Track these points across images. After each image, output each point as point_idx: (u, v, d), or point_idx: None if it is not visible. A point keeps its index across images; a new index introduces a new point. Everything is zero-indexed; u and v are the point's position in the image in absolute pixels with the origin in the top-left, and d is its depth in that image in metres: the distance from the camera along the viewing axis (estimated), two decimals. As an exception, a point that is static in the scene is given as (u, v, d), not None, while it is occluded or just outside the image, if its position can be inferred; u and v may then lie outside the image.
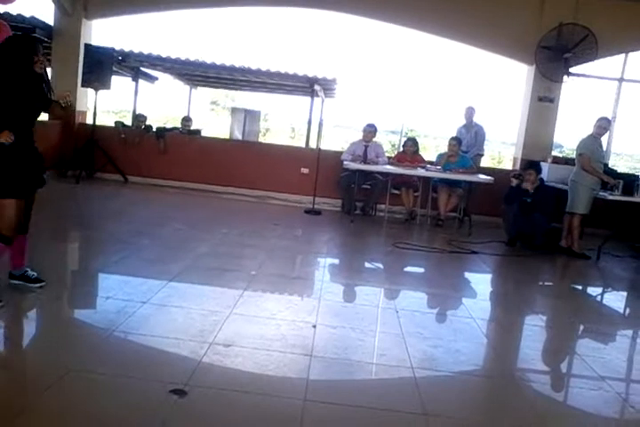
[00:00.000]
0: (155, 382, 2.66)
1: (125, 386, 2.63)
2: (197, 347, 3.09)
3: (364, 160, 8.19)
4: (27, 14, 8.78)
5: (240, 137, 12.79)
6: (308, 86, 10.90)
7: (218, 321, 3.50)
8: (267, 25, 43.05)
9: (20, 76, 3.40)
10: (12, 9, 8.30)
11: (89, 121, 9.47)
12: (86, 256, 5.26)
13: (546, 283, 6.14)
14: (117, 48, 9.52)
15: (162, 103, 21.68)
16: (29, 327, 3.45)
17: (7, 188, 3.39)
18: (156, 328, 3.34)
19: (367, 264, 5.91)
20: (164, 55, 10.07)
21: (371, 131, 8.49)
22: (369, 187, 8.35)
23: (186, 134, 10.04)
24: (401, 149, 9.33)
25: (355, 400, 2.73)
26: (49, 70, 9.58)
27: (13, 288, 3.71)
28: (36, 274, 3.79)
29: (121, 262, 4.70)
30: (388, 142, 17.70)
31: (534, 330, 4.22)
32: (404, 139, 11.29)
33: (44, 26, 9.19)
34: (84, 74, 8.83)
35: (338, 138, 22.01)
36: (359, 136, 8.73)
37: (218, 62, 10.29)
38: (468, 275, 5.91)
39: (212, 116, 25.41)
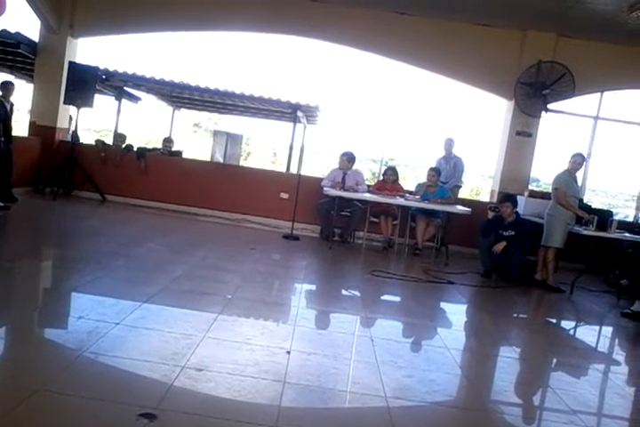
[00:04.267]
0: (124, 405, 2.60)
1: (94, 408, 2.57)
2: (169, 370, 3.04)
3: (343, 187, 8.23)
4: (12, 30, 8.78)
5: (221, 160, 12.77)
6: (290, 112, 11.01)
7: (191, 344, 3.45)
8: (252, 50, 43.43)
9: None
10: (-2, 24, 8.31)
11: (68, 138, 9.41)
12: (60, 275, 5.15)
13: (520, 315, 6.17)
14: (102, 67, 9.54)
15: (144, 124, 21.66)
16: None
17: None
18: (127, 350, 3.27)
19: (344, 291, 5.90)
20: (148, 76, 10.10)
21: (345, 159, 8.54)
22: (348, 214, 8.38)
23: (167, 155, 10.01)
24: (381, 177, 9.42)
25: (323, 428, 2.70)
26: (31, 85, 9.60)
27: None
28: None
29: (95, 282, 4.63)
30: (369, 170, 17.86)
31: (508, 362, 4.23)
32: (384, 167, 11.41)
33: (29, 42, 9.19)
34: (66, 91, 8.81)
35: (319, 164, 22.14)
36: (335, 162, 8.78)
37: (202, 85, 10.35)
38: (443, 305, 5.93)
39: (194, 138, 25.42)
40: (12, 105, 7.76)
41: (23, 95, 10.24)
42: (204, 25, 9.59)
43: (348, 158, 8.58)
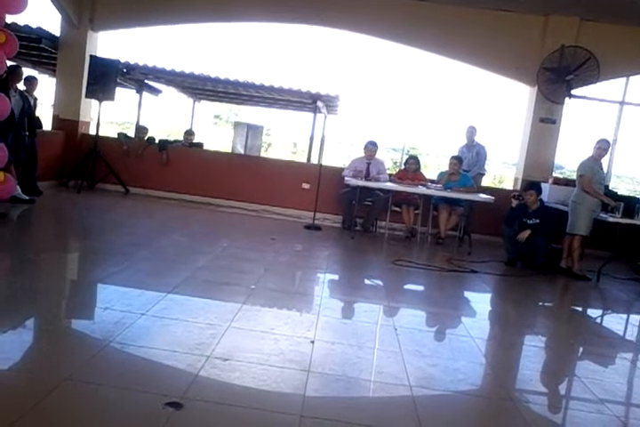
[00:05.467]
0: (151, 394, 2.63)
1: (121, 397, 2.60)
2: (195, 360, 3.06)
3: (366, 177, 8.21)
4: (33, 25, 8.85)
5: (242, 151, 12.78)
6: (310, 102, 10.97)
7: (216, 334, 3.48)
8: (271, 40, 43.38)
9: None
10: (19, 20, 8.38)
11: (92, 132, 9.49)
12: (85, 266, 5.23)
13: (545, 304, 6.11)
14: (122, 60, 9.58)
15: (165, 116, 21.78)
16: (26, 336, 3.42)
17: None
18: (153, 340, 3.31)
19: (367, 281, 5.89)
20: (168, 68, 10.13)
21: (373, 149, 8.54)
22: (370, 203, 8.36)
23: (188, 147, 10.07)
24: (402, 166, 9.36)
25: (351, 417, 2.70)
26: (54, 80, 9.69)
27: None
28: None
29: (120, 273, 4.68)
30: (390, 160, 17.77)
31: (533, 351, 4.20)
32: (405, 156, 11.35)
33: (51, 37, 9.26)
34: (88, 85, 8.88)
35: (339, 154, 22.09)
36: (361, 153, 8.76)
37: (222, 77, 10.35)
38: (467, 294, 5.88)
39: (215, 129, 25.50)
40: (35, 99, 7.84)
41: (46, 89, 10.35)
42: (223, 16, 9.57)
43: (374, 148, 8.56)
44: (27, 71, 8.86)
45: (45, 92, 10.44)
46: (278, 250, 6.46)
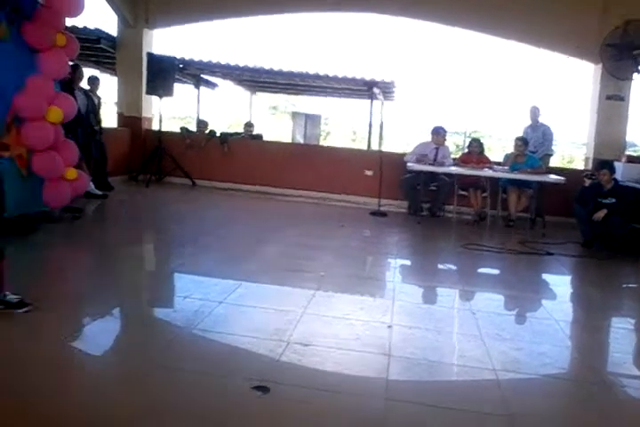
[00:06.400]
0: (237, 379, 2.65)
1: (208, 382, 2.64)
2: (275, 345, 3.07)
3: (435, 162, 8.06)
4: (91, 26, 9.07)
5: (302, 141, 12.83)
6: (366, 89, 10.83)
7: (292, 320, 3.47)
8: (325, 29, 43.31)
9: None
10: (78, 22, 8.58)
11: (155, 127, 9.68)
12: (161, 257, 5.35)
13: (630, 285, 5.81)
14: (178, 56, 9.69)
15: (224, 109, 22.03)
16: (114, 325, 3.51)
17: None
18: (232, 327, 3.34)
19: (439, 265, 5.76)
20: (223, 62, 10.20)
21: (443, 134, 8.41)
22: (435, 188, 8.20)
23: (248, 139, 10.13)
24: (465, 149, 9.14)
25: (437, 401, 2.65)
26: (115, 78, 9.92)
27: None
28: (17, 297, 3.29)
29: (195, 263, 4.77)
30: (452, 143, 17.42)
31: (622, 333, 4.00)
32: (467, 139, 11.09)
33: (108, 37, 9.47)
34: (148, 82, 9.03)
35: (399, 140, 21.84)
36: (424, 138, 8.60)
37: (276, 68, 10.37)
38: (545, 276, 5.69)
39: (273, 120, 25.64)
40: (99, 99, 8.04)
41: (109, 88, 10.60)
42: (275, 8, 9.50)
43: (444, 133, 8.47)
44: (89, 71, 9.07)
45: (108, 91, 10.66)
46: (346, 236, 6.42)
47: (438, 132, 8.42)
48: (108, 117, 9.47)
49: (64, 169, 5.55)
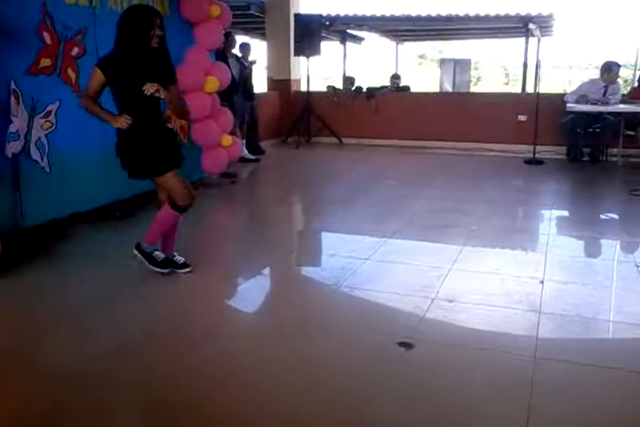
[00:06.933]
0: (382, 334, 2.75)
1: (354, 337, 2.76)
2: (420, 302, 3.11)
3: (598, 102, 7.39)
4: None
5: (450, 89, 12.42)
6: (521, 26, 10.14)
7: (439, 277, 3.49)
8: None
9: (134, 53, 3.17)
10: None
11: (303, 88, 9.90)
12: (308, 216, 5.58)
13: None
14: (324, 14, 9.72)
15: (369, 63, 21.85)
16: (265, 282, 3.78)
17: (158, 165, 3.30)
18: (379, 284, 3.43)
19: (600, 215, 5.39)
20: (368, 14, 10.08)
21: (617, 71, 7.56)
22: (598, 130, 7.55)
23: (395, 92, 10.01)
24: (635, 84, 8.27)
25: (591, 360, 2.53)
26: (264, 43, 10.23)
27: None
28: (182, 259, 3.59)
29: (341, 221, 4.90)
30: (620, 78, 15.76)
31: None
32: (638, 73, 10.04)
33: (257, 2, 9.71)
34: (295, 43, 9.19)
35: (558, 79, 20.26)
36: (588, 75, 7.88)
37: (423, 14, 10.03)
38: None
39: (420, 70, 24.98)
40: (250, 63, 8.35)
41: (258, 53, 10.95)
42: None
43: (618, 69, 7.61)
44: (239, 38, 9.43)
45: (258, 56, 11.03)
46: (498, 188, 6.20)
47: (611, 69, 7.55)
48: (258, 83, 9.82)
49: (220, 136, 5.92)
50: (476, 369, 2.47)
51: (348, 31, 11.90)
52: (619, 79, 7.83)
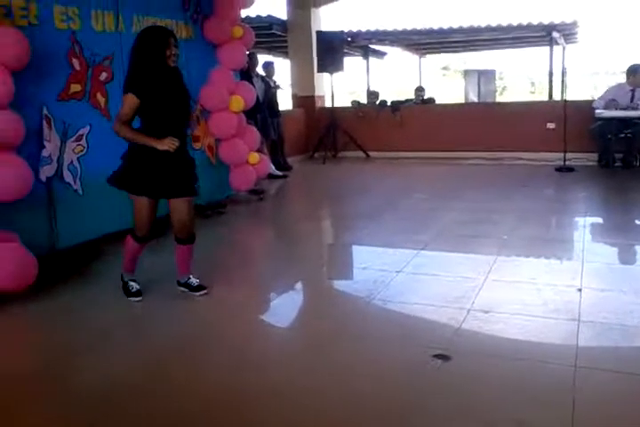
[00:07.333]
0: (418, 347, 2.71)
1: (390, 349, 2.74)
2: (455, 313, 3.07)
3: (627, 107, 7.28)
4: (263, 14, 9.48)
5: (475, 99, 12.36)
6: (544, 35, 10.10)
7: (473, 287, 3.44)
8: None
9: (154, 72, 3.15)
10: (251, 12, 9.03)
11: (328, 104, 9.96)
12: (339, 230, 5.56)
13: None
14: (345, 30, 9.79)
15: (393, 77, 21.91)
16: (298, 297, 3.78)
17: (138, 185, 3.20)
18: (412, 296, 3.40)
19: (636, 221, 5.27)
20: (390, 29, 10.13)
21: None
22: (630, 135, 7.42)
23: (420, 104, 10.01)
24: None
25: (634, 368, 2.45)
26: (287, 62, 10.34)
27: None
28: (197, 281, 3.52)
29: (371, 234, 4.88)
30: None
31: None
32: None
33: (279, 21, 9.84)
34: (318, 60, 9.28)
35: (585, 86, 20.02)
36: (615, 80, 7.77)
37: (445, 26, 10.04)
38: None
39: (444, 81, 24.95)
40: (274, 82, 8.45)
41: (282, 71, 11.07)
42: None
43: None
44: (262, 57, 9.55)
45: (282, 74, 11.17)
46: (530, 197, 6.13)
47: (637, 71, 7.50)
48: (284, 100, 9.92)
49: (247, 154, 5.98)
50: (516, 380, 2.41)
51: (370, 46, 11.97)
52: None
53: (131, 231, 3.39)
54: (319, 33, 9.40)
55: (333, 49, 9.12)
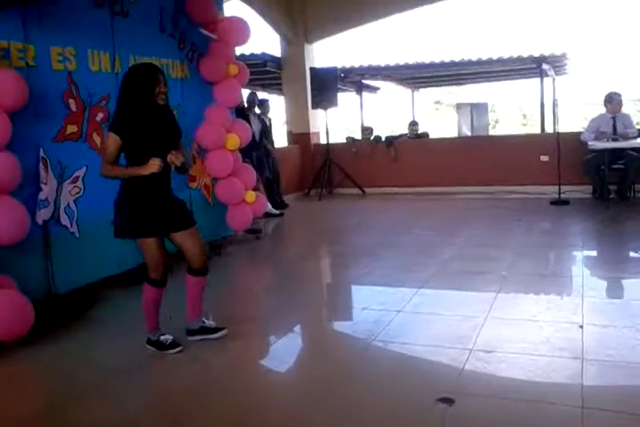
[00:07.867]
0: (421, 390, 2.67)
1: (391, 393, 2.68)
2: (458, 354, 3.03)
3: (618, 136, 7.37)
4: (256, 51, 9.63)
5: (469, 133, 12.50)
6: (535, 67, 10.27)
7: (474, 326, 3.40)
8: (477, 12, 41.61)
9: (141, 111, 3.07)
10: (246, 49, 9.16)
11: (323, 140, 10.04)
12: (336, 270, 5.53)
13: None
14: (338, 66, 9.93)
15: (386, 111, 22.17)
16: (296, 341, 3.73)
17: (141, 228, 3.09)
18: (413, 336, 3.36)
19: (632, 254, 5.27)
20: (382, 64, 10.29)
21: (619, 100, 7.64)
22: (622, 166, 7.49)
23: (414, 139, 10.10)
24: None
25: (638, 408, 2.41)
26: (282, 98, 10.45)
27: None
28: (214, 323, 3.41)
29: (370, 273, 4.84)
30: (638, 112, 15.76)
31: None
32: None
33: (273, 58, 9.99)
34: (312, 96, 9.39)
35: (577, 117, 20.28)
36: (599, 111, 7.89)
37: (437, 61, 10.22)
38: None
39: (437, 115, 25.27)
40: (270, 120, 8.54)
41: (277, 108, 11.20)
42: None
43: (619, 98, 7.70)
44: (258, 95, 9.67)
45: (276, 111, 11.30)
46: (526, 231, 6.14)
47: (611, 98, 7.65)
48: (278, 137, 10.01)
49: (244, 193, 5.98)
50: (523, 423, 2.37)
51: (364, 81, 12.15)
52: (635, 112, 7.80)
53: (145, 278, 3.22)
54: (312, 69, 9.54)
55: (327, 85, 9.24)
